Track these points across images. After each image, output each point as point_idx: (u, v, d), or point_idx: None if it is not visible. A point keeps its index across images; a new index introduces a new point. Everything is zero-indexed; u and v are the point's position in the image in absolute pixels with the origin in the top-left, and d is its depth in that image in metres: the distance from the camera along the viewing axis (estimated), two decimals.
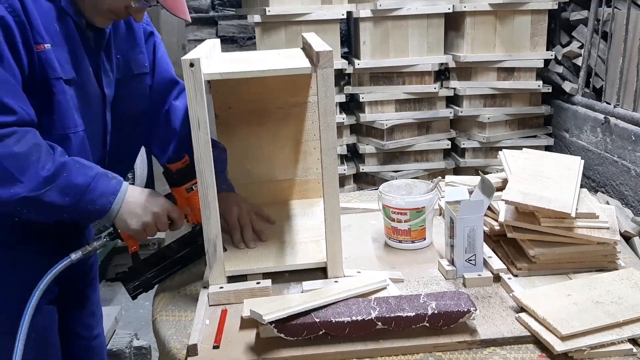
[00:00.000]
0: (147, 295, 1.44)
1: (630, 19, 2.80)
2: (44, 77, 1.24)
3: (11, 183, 1.16)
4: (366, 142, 3.39)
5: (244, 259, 1.40)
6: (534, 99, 3.37)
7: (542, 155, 1.71)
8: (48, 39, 1.25)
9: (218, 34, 4.23)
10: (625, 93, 2.85)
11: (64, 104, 1.28)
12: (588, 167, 3.07)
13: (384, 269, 1.43)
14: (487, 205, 1.42)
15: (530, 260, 1.38)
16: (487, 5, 3.16)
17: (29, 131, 1.20)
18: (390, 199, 1.51)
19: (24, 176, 1.17)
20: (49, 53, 1.24)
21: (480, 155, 3.41)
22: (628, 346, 1.08)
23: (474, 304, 1.16)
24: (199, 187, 1.24)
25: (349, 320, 1.13)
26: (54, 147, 1.24)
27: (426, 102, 3.35)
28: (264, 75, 1.24)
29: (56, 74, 1.26)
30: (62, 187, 1.21)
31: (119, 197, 1.29)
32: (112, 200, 1.27)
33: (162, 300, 1.37)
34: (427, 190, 1.56)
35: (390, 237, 1.55)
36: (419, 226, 1.51)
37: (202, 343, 1.15)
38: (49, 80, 1.25)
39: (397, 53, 3.23)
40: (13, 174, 1.16)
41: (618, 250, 1.39)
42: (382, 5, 3.10)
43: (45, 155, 1.20)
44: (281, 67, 1.24)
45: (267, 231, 1.51)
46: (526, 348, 1.12)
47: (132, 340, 2.64)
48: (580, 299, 1.19)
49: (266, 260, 1.39)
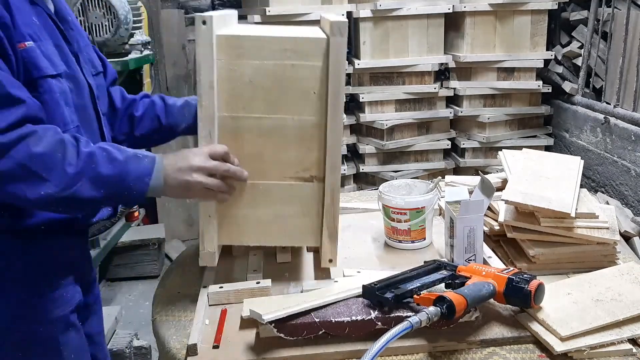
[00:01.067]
0: (147, 295, 1.44)
1: (630, 19, 2.81)
2: (29, 78, 1.19)
3: (39, 184, 1.11)
4: (366, 142, 3.39)
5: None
6: (534, 99, 3.38)
7: (542, 156, 1.71)
8: (31, 35, 1.20)
9: None
10: (625, 93, 2.85)
11: (51, 104, 1.22)
12: (588, 167, 3.07)
13: (384, 269, 1.43)
14: (487, 205, 1.42)
15: (530, 260, 1.38)
16: (487, 5, 3.16)
17: (48, 128, 1.15)
18: (390, 199, 1.51)
19: (51, 175, 1.12)
20: (32, 51, 1.19)
21: (480, 155, 3.41)
22: (628, 346, 1.08)
23: None
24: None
25: (349, 320, 1.13)
26: (78, 138, 1.18)
27: (426, 102, 3.35)
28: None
29: (41, 73, 1.20)
30: (93, 180, 1.15)
31: (155, 175, 1.20)
32: (148, 181, 1.19)
33: (161, 300, 1.37)
34: (427, 191, 1.56)
35: (390, 237, 1.55)
36: (418, 226, 1.51)
37: (202, 343, 1.15)
38: (34, 81, 1.20)
39: (397, 53, 3.23)
40: (40, 174, 1.11)
41: (618, 250, 1.39)
42: (382, 5, 3.10)
43: (71, 150, 1.15)
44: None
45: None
46: (526, 348, 1.11)
47: (132, 340, 2.64)
48: (580, 298, 1.19)
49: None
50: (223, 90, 1.23)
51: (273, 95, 1.24)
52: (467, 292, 1.10)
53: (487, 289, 1.14)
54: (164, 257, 3.72)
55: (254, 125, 1.25)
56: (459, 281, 1.20)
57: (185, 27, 4.17)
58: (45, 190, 1.12)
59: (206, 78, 1.21)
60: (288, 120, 1.25)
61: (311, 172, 1.28)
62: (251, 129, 1.26)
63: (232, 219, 1.31)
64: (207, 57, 1.20)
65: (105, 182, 1.16)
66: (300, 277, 1.38)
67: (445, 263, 1.29)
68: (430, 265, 1.29)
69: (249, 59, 1.22)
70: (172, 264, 1.60)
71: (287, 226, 1.31)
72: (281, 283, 1.36)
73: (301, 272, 1.41)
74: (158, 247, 3.57)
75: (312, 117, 1.25)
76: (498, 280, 1.16)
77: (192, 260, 1.56)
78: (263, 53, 1.22)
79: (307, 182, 1.29)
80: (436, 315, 1.05)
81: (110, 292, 3.42)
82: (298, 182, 1.29)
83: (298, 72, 1.23)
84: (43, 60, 1.21)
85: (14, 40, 1.16)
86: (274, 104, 1.24)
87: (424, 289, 1.19)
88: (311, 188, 1.29)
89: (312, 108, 1.24)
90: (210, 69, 1.20)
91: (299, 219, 1.31)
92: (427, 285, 1.20)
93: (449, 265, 1.27)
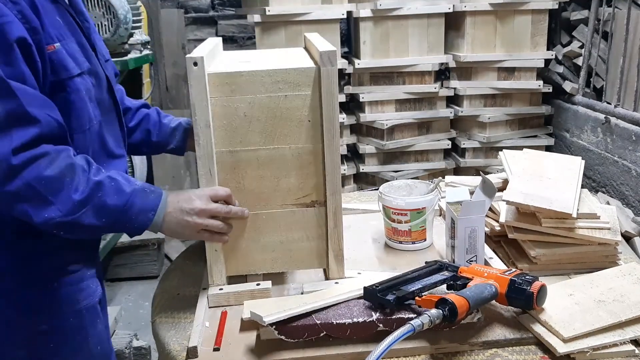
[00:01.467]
0: (147, 295, 1.44)
1: (630, 18, 2.80)
2: (57, 79, 1.20)
3: (44, 207, 1.12)
4: (366, 142, 3.39)
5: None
6: (534, 98, 3.37)
7: (542, 156, 1.70)
8: (57, 36, 1.21)
9: (218, 33, 4.23)
10: (626, 93, 2.85)
11: (78, 103, 1.24)
12: (588, 167, 3.07)
13: (385, 270, 1.42)
14: (489, 205, 1.42)
15: (531, 260, 1.37)
16: (488, 5, 3.15)
17: (61, 151, 1.15)
18: (391, 200, 1.51)
19: (57, 199, 1.13)
20: (60, 52, 1.20)
21: (481, 155, 3.41)
22: (630, 347, 1.08)
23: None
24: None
25: (350, 322, 1.12)
26: (90, 163, 1.20)
27: (426, 102, 3.34)
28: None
29: (69, 73, 1.21)
30: (97, 209, 1.16)
31: (159, 212, 1.22)
32: (151, 217, 1.21)
33: (161, 302, 1.37)
34: (427, 191, 1.56)
35: (390, 238, 1.55)
36: (419, 227, 1.50)
37: (202, 345, 1.14)
38: (62, 82, 1.21)
39: (397, 53, 3.23)
40: (47, 197, 1.12)
41: (619, 251, 1.39)
42: (382, 5, 3.10)
43: (80, 176, 1.16)
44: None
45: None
46: (528, 350, 1.11)
47: (132, 340, 2.64)
48: (582, 299, 1.19)
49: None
50: (219, 126, 1.25)
51: (268, 127, 1.26)
52: (469, 294, 1.10)
53: (489, 290, 1.13)
54: (164, 258, 3.72)
55: (252, 157, 1.27)
56: (460, 282, 1.20)
57: (185, 26, 4.17)
58: (50, 214, 1.13)
59: (202, 117, 1.22)
60: (285, 149, 1.27)
61: (312, 197, 1.30)
62: (250, 161, 1.28)
63: (238, 251, 1.33)
64: (201, 96, 1.21)
65: (108, 212, 1.18)
66: (301, 279, 1.38)
67: (447, 264, 1.28)
68: (431, 266, 1.29)
69: (242, 94, 1.24)
70: (172, 265, 1.59)
71: (292, 252, 1.34)
72: (281, 285, 1.36)
73: (301, 273, 1.40)
74: (158, 248, 3.57)
75: (308, 144, 1.28)
76: (500, 282, 1.15)
77: (191, 261, 1.55)
78: (255, 87, 1.24)
79: (309, 207, 1.31)
80: (438, 317, 1.05)
81: (110, 292, 3.41)
82: (300, 208, 1.31)
83: (291, 102, 1.25)
84: (69, 60, 1.22)
85: (43, 44, 1.17)
86: (270, 135, 1.26)
87: (425, 290, 1.18)
88: (313, 213, 1.31)
89: (307, 135, 1.27)
90: (205, 108, 1.22)
91: (303, 243, 1.33)
92: (429, 286, 1.20)
93: (450, 266, 1.27)
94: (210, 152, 1.25)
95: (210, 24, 4.29)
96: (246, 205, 1.29)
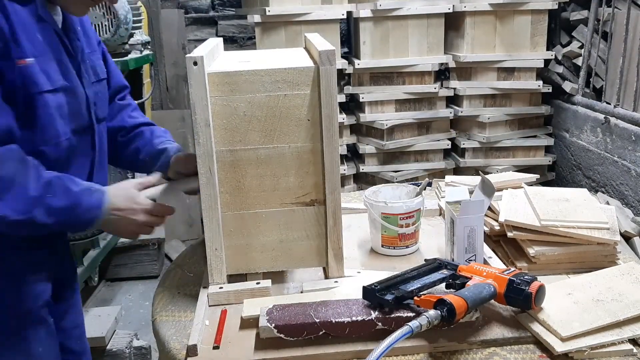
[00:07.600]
0: (147, 295, 1.44)
1: (630, 19, 2.80)
2: (26, 92, 1.22)
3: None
4: (366, 142, 3.39)
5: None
6: (534, 99, 3.37)
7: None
8: (32, 52, 1.23)
9: (218, 33, 4.24)
10: (626, 93, 2.85)
11: (45, 118, 1.26)
12: (588, 167, 3.07)
13: (384, 269, 1.43)
14: (488, 205, 1.42)
15: (530, 260, 1.37)
16: (487, 5, 3.16)
17: (11, 150, 1.18)
18: (401, 205, 1.46)
19: (9, 197, 1.16)
20: (32, 67, 1.22)
21: (480, 155, 3.41)
22: (628, 346, 1.08)
23: None
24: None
25: (349, 320, 1.13)
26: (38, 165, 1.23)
27: (426, 102, 3.35)
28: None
29: (38, 88, 1.24)
30: (47, 208, 1.20)
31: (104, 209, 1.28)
32: (98, 214, 1.28)
33: (161, 301, 1.37)
34: (412, 191, 1.56)
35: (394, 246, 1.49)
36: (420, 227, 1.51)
37: (202, 343, 1.15)
38: (31, 95, 1.23)
39: (397, 53, 3.23)
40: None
41: (618, 251, 1.39)
42: (382, 5, 3.10)
43: (33, 174, 1.20)
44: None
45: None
46: (526, 348, 1.11)
47: (132, 340, 2.64)
48: (580, 298, 1.19)
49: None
50: (219, 125, 1.26)
51: (268, 126, 1.27)
52: (467, 295, 1.10)
53: (488, 290, 1.14)
54: (164, 257, 3.72)
55: (251, 156, 1.28)
56: (459, 282, 1.20)
57: (185, 27, 4.17)
58: (3, 212, 1.15)
59: (202, 116, 1.23)
60: (285, 148, 1.28)
61: (311, 196, 1.31)
62: (249, 160, 1.28)
63: (238, 249, 1.33)
64: (201, 96, 1.22)
65: (57, 212, 1.22)
66: (301, 278, 1.38)
67: (446, 262, 1.29)
68: (430, 264, 1.29)
69: (242, 94, 1.25)
70: (172, 264, 1.60)
71: (292, 250, 1.34)
72: (281, 283, 1.36)
73: (301, 272, 1.41)
74: (158, 247, 3.57)
75: (307, 143, 1.28)
76: (499, 282, 1.16)
77: (191, 261, 1.56)
78: (255, 86, 1.25)
79: (309, 206, 1.31)
80: (436, 318, 1.05)
81: (110, 292, 3.42)
82: (299, 206, 1.31)
83: (291, 101, 1.26)
84: (41, 76, 1.25)
85: (13, 55, 1.20)
86: (269, 134, 1.27)
87: (424, 289, 1.19)
88: (313, 211, 1.32)
89: (307, 134, 1.28)
90: (205, 107, 1.23)
91: (303, 242, 1.34)
92: (428, 285, 1.20)
93: (449, 264, 1.27)
94: (210, 151, 1.25)
95: (211, 24, 4.30)
96: (246, 204, 1.30)
